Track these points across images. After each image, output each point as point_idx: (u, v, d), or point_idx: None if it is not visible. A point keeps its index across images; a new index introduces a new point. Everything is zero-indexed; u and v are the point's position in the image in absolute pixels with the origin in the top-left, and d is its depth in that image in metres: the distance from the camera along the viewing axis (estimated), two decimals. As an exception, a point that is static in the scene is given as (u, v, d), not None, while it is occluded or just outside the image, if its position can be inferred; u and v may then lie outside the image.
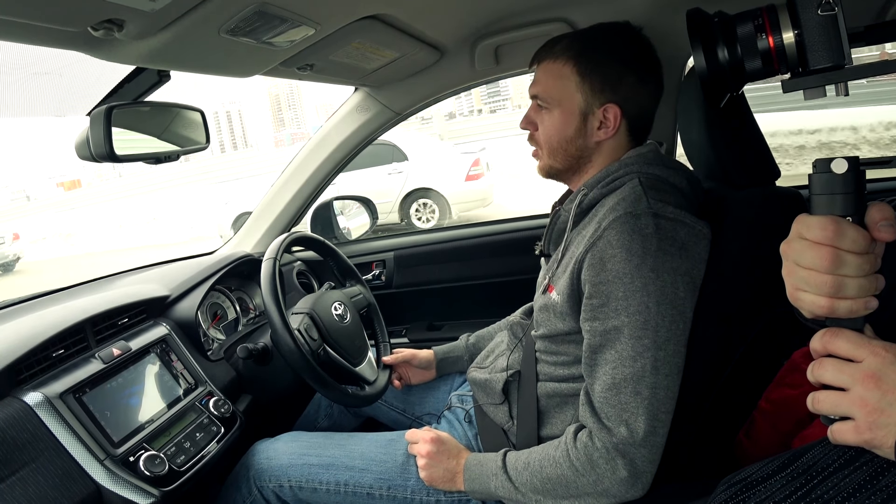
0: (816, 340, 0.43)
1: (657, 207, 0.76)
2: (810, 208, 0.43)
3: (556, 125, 0.87)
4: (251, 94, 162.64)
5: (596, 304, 0.77)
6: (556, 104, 0.87)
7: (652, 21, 1.16)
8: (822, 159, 0.42)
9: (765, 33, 0.50)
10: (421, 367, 1.21)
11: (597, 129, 0.86)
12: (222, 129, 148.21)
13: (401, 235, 1.75)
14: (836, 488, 0.45)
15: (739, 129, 0.85)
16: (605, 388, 0.76)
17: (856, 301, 0.41)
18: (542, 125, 0.89)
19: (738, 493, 0.51)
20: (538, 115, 0.90)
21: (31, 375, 0.85)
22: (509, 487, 0.83)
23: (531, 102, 0.91)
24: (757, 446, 0.94)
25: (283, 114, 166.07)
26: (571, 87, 0.85)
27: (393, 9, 1.00)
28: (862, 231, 0.41)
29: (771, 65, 0.51)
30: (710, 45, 0.54)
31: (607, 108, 0.84)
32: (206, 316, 1.25)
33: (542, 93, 0.88)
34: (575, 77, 0.85)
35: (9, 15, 0.61)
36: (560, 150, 0.88)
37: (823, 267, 0.41)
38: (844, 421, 0.42)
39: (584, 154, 0.88)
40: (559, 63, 0.86)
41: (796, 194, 0.82)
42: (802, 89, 0.49)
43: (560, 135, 0.87)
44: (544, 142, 0.90)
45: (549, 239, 0.93)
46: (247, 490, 1.01)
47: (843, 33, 0.46)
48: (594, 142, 0.87)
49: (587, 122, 0.86)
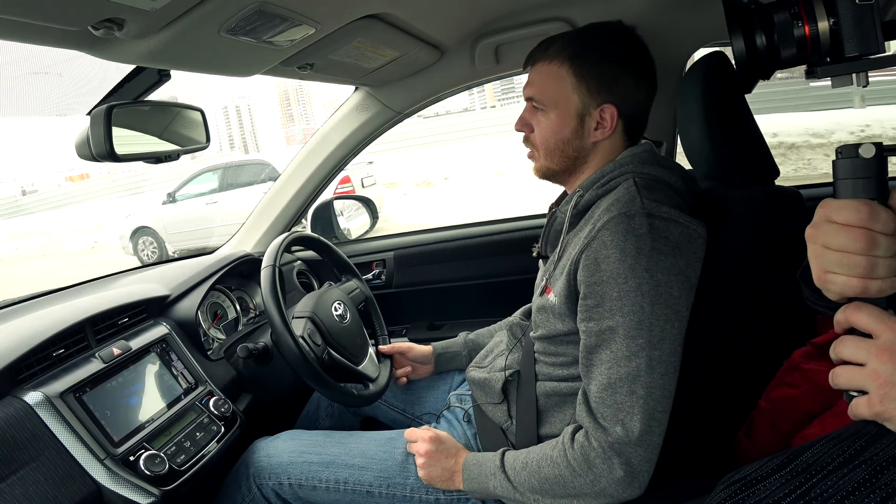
0: (840, 313, 0.45)
1: (651, 207, 0.76)
2: (836, 193, 0.44)
3: (552, 127, 0.87)
4: (260, 89, 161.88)
5: (591, 304, 0.77)
6: (552, 106, 0.86)
7: (652, 21, 1.16)
8: (848, 145, 0.43)
9: (801, 21, 0.51)
10: (418, 360, 1.21)
11: (594, 129, 0.86)
12: (231, 125, 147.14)
13: (401, 235, 1.75)
14: (835, 487, 0.45)
15: (739, 129, 0.85)
16: (601, 388, 0.76)
17: (885, 280, 0.42)
18: (538, 127, 0.89)
19: (737, 493, 0.51)
20: (533, 116, 0.90)
21: (31, 375, 0.85)
22: (507, 487, 0.83)
23: (526, 104, 0.91)
24: (756, 446, 0.94)
25: (293, 109, 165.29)
26: (568, 89, 0.85)
27: (393, 8, 1.00)
28: (891, 213, 0.42)
29: (805, 52, 0.52)
30: (748, 31, 0.55)
31: (604, 108, 0.84)
32: (207, 315, 1.25)
33: (537, 94, 0.88)
34: (571, 78, 0.84)
35: (9, 14, 0.61)
36: (557, 151, 0.88)
37: (858, 248, 0.42)
38: (860, 395, 0.43)
39: (580, 155, 0.88)
40: (555, 65, 0.85)
41: (796, 193, 0.82)
42: (832, 76, 0.50)
43: (557, 136, 0.87)
44: (541, 143, 0.89)
45: (545, 241, 0.93)
46: (246, 488, 1.01)
47: (877, 22, 0.47)
48: (591, 142, 0.87)
49: (584, 123, 0.86)
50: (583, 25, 0.90)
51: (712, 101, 0.86)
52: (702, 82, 0.87)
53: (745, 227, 0.80)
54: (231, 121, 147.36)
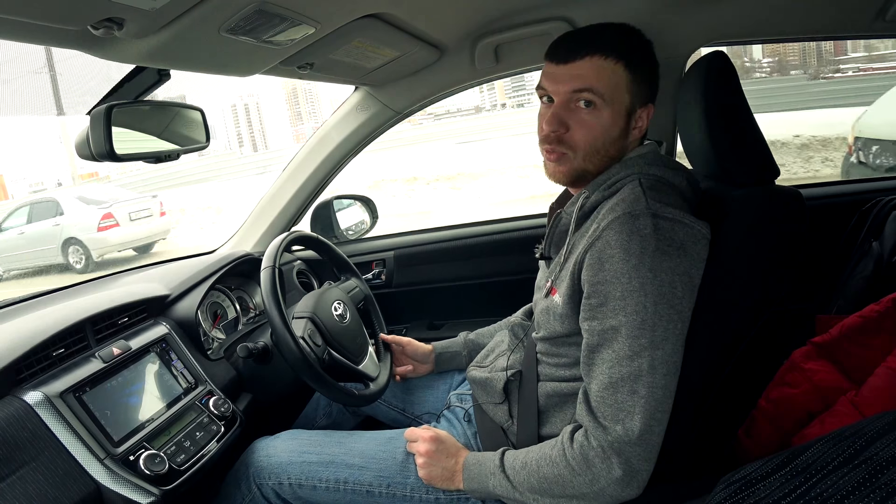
0: None
1: (655, 208, 0.76)
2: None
3: (604, 125, 0.82)
4: (268, 87, 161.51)
5: (594, 303, 0.77)
6: (608, 102, 0.81)
7: (652, 20, 1.16)
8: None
9: None
10: (417, 358, 1.21)
11: (633, 129, 0.85)
12: (240, 122, 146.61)
13: (401, 235, 1.75)
14: (834, 486, 0.45)
15: (739, 129, 0.85)
16: (603, 387, 0.76)
17: None
18: (582, 126, 0.82)
19: (737, 492, 0.51)
20: (575, 113, 0.82)
21: (31, 374, 0.85)
22: (507, 486, 0.83)
23: (557, 100, 0.83)
24: (757, 445, 0.94)
25: (301, 108, 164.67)
26: (622, 86, 0.82)
27: (393, 7, 1.00)
28: None
29: None
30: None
31: (646, 109, 0.85)
32: (207, 315, 1.25)
33: (595, 87, 0.80)
34: (626, 75, 0.82)
35: (9, 13, 0.61)
36: (601, 151, 0.84)
37: None
38: None
39: (619, 156, 0.86)
40: (610, 60, 0.81)
41: (796, 193, 0.82)
42: None
43: (606, 136, 0.83)
44: (584, 143, 0.83)
45: (549, 242, 0.93)
46: (246, 488, 1.01)
47: None
48: (629, 143, 0.86)
49: (629, 123, 0.84)
50: (622, 24, 0.85)
51: (712, 101, 0.86)
52: (702, 82, 0.87)
53: (745, 227, 0.80)
54: (240, 118, 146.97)
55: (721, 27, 1.23)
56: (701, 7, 1.19)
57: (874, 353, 0.90)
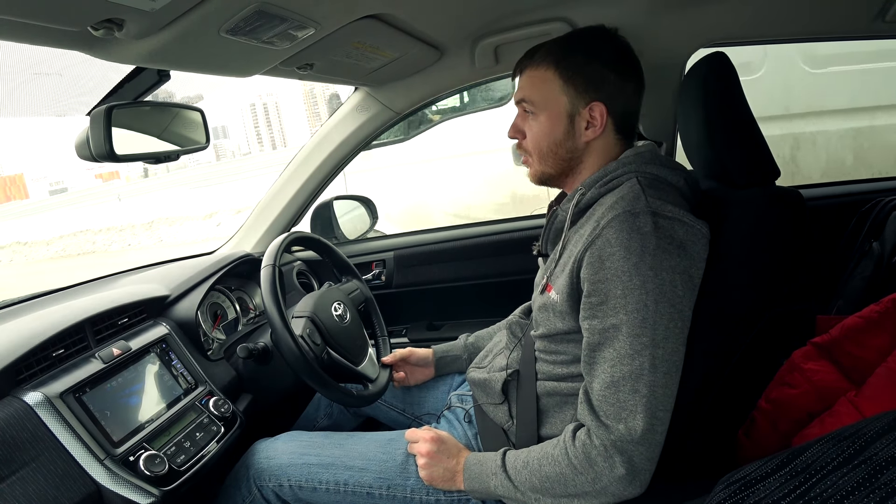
0: None
1: (655, 206, 0.76)
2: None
3: (544, 129, 0.88)
4: (287, 87, 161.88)
5: (595, 302, 0.77)
6: (542, 108, 0.87)
7: (652, 21, 1.16)
8: None
9: None
10: (419, 364, 1.21)
11: (584, 129, 0.86)
12: (259, 122, 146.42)
13: (401, 235, 1.75)
14: (834, 486, 0.45)
15: (739, 129, 0.85)
16: (604, 386, 0.76)
17: None
18: (529, 131, 0.90)
19: (737, 492, 0.51)
20: (525, 122, 0.90)
21: (31, 375, 0.85)
22: (508, 486, 0.83)
23: (517, 111, 0.92)
24: (757, 446, 0.94)
25: (319, 108, 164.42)
26: (556, 90, 0.86)
27: (393, 8, 1.00)
28: None
29: None
30: None
31: (593, 106, 0.85)
32: (207, 316, 1.25)
33: (527, 97, 0.89)
34: (558, 80, 0.85)
35: (8, 14, 0.61)
36: (550, 154, 0.89)
37: None
38: None
39: (574, 156, 0.88)
40: (541, 69, 0.87)
41: (797, 194, 0.82)
42: None
43: (549, 138, 0.88)
44: (533, 148, 0.90)
45: (546, 238, 0.93)
46: (246, 489, 1.01)
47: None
48: (583, 142, 0.87)
49: (574, 123, 0.86)
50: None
51: (712, 101, 0.86)
52: (702, 82, 0.87)
53: (745, 227, 0.80)
54: (259, 118, 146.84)
55: (721, 28, 1.23)
56: (701, 8, 1.19)
57: (874, 354, 0.90)
